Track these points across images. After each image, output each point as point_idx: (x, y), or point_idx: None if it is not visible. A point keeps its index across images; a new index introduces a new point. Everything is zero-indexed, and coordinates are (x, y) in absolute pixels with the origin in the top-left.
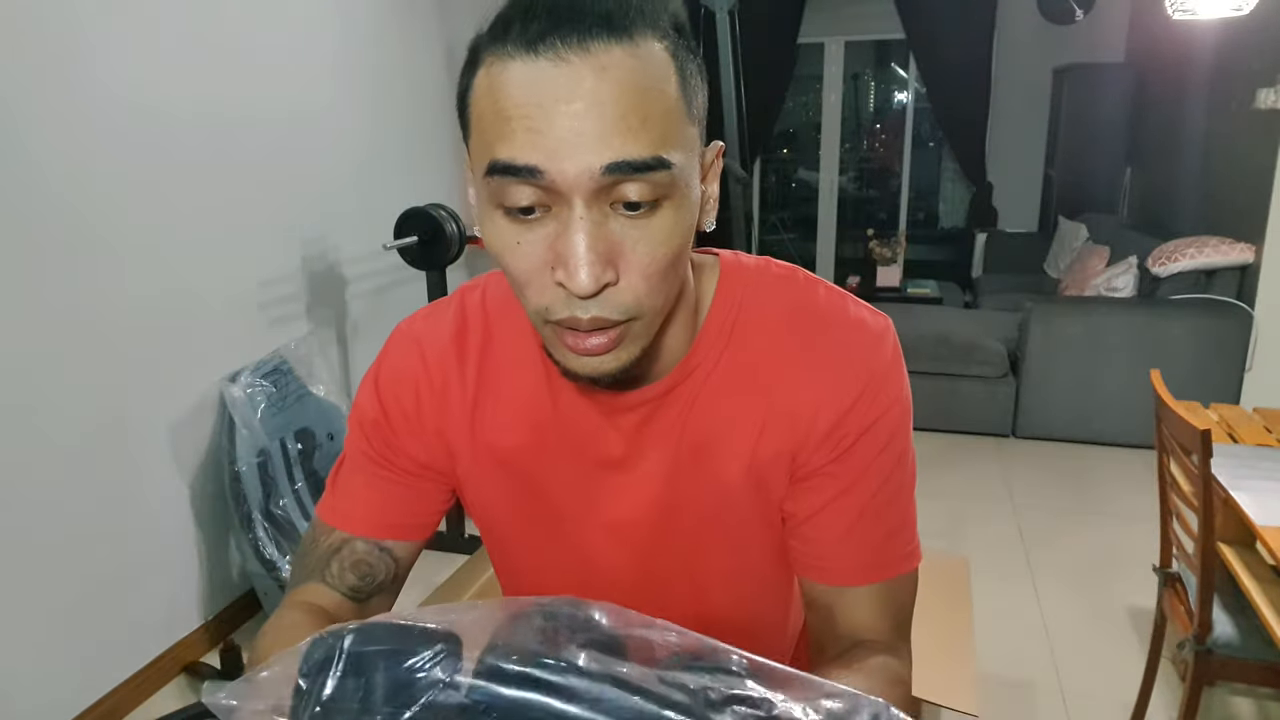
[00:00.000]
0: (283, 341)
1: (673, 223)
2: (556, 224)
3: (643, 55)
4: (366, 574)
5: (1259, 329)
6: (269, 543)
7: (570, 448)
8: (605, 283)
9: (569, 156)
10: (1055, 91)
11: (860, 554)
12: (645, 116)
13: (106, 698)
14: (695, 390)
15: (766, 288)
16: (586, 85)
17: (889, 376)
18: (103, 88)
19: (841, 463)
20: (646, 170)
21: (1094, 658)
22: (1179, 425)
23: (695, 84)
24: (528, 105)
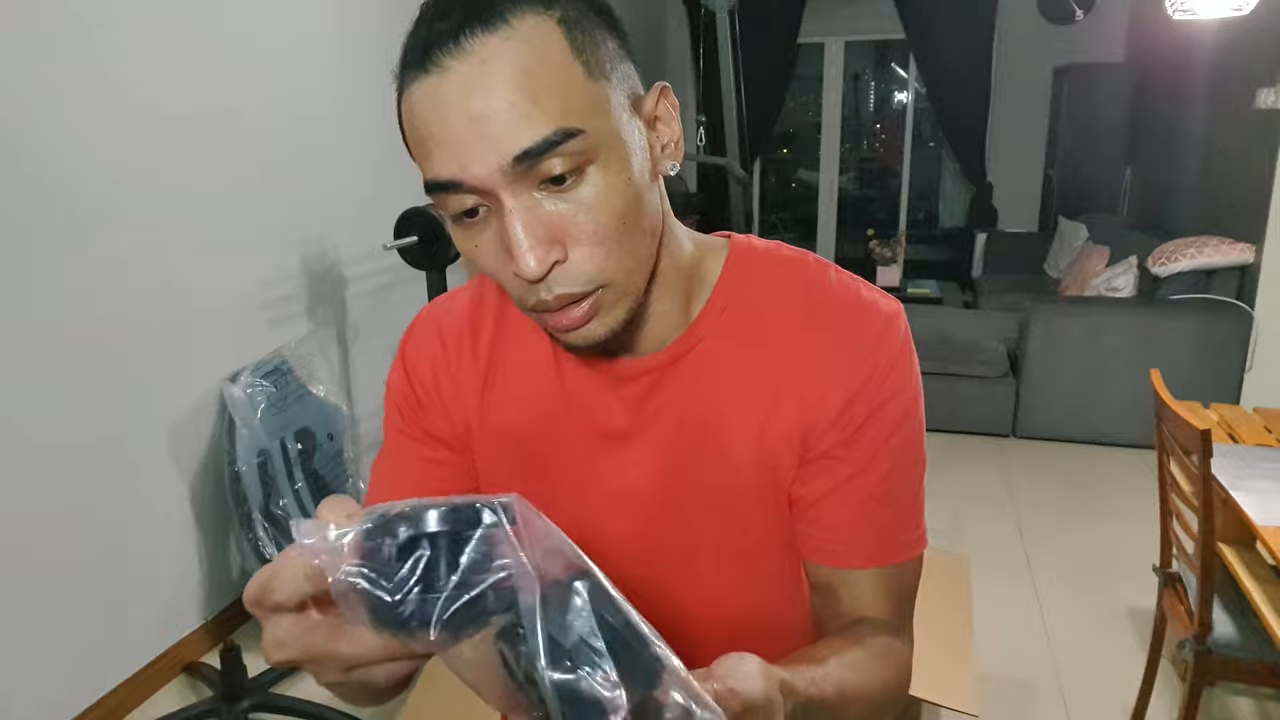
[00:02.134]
0: (283, 341)
1: (604, 184)
2: (497, 219)
3: (521, 35)
4: None
5: (1259, 329)
6: (269, 543)
7: (574, 420)
8: (553, 261)
9: (476, 159)
10: (1055, 91)
11: (867, 537)
12: (535, 96)
13: (106, 698)
14: (700, 364)
15: (777, 268)
16: (471, 84)
17: (900, 360)
18: (102, 87)
19: (851, 445)
20: (553, 146)
21: (1094, 658)
22: (1179, 425)
23: (596, 39)
24: (431, 121)
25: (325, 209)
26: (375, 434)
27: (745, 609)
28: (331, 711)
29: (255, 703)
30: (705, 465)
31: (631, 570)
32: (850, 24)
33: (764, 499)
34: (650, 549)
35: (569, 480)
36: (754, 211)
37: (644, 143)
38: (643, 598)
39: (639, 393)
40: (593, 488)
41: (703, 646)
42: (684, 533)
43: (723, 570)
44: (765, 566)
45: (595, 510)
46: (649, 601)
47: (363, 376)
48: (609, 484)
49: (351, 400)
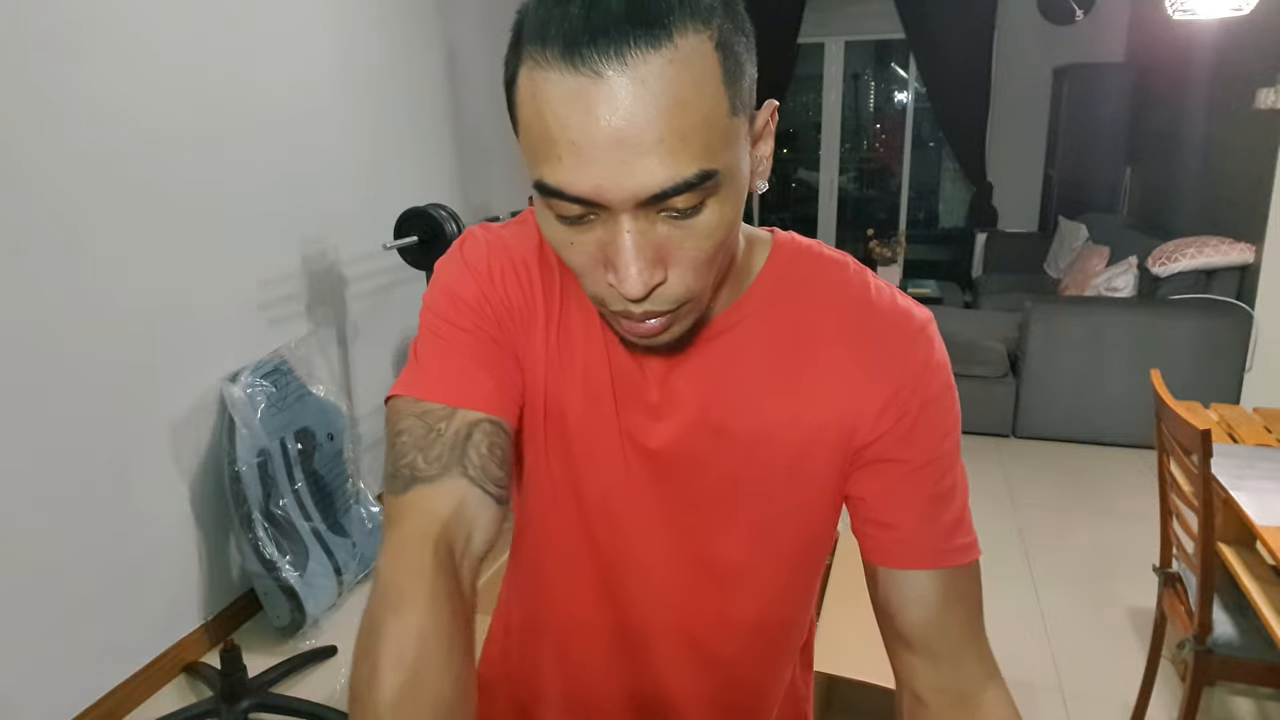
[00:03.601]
0: (283, 341)
1: (718, 216)
2: (605, 230)
3: (683, 57)
4: (504, 459)
5: (1259, 329)
6: (269, 543)
7: (614, 392)
8: (655, 284)
9: (612, 186)
10: (1055, 91)
11: (928, 537)
12: (685, 134)
13: (106, 698)
14: (736, 345)
15: (820, 263)
16: (624, 103)
17: (940, 364)
18: (102, 88)
19: (907, 445)
20: (690, 188)
21: (1094, 658)
22: (1179, 425)
23: (743, 62)
24: (571, 128)
25: (325, 209)
26: (375, 434)
27: (745, 587)
28: (331, 712)
29: (255, 703)
30: (731, 433)
31: (656, 538)
32: (850, 24)
33: (788, 477)
34: (674, 518)
35: (599, 447)
36: (754, 211)
37: (750, 165)
38: (666, 565)
39: (669, 365)
40: (620, 457)
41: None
42: (703, 494)
43: (734, 542)
44: (775, 545)
45: (621, 480)
46: (671, 569)
47: (363, 376)
48: (635, 454)
49: (351, 400)
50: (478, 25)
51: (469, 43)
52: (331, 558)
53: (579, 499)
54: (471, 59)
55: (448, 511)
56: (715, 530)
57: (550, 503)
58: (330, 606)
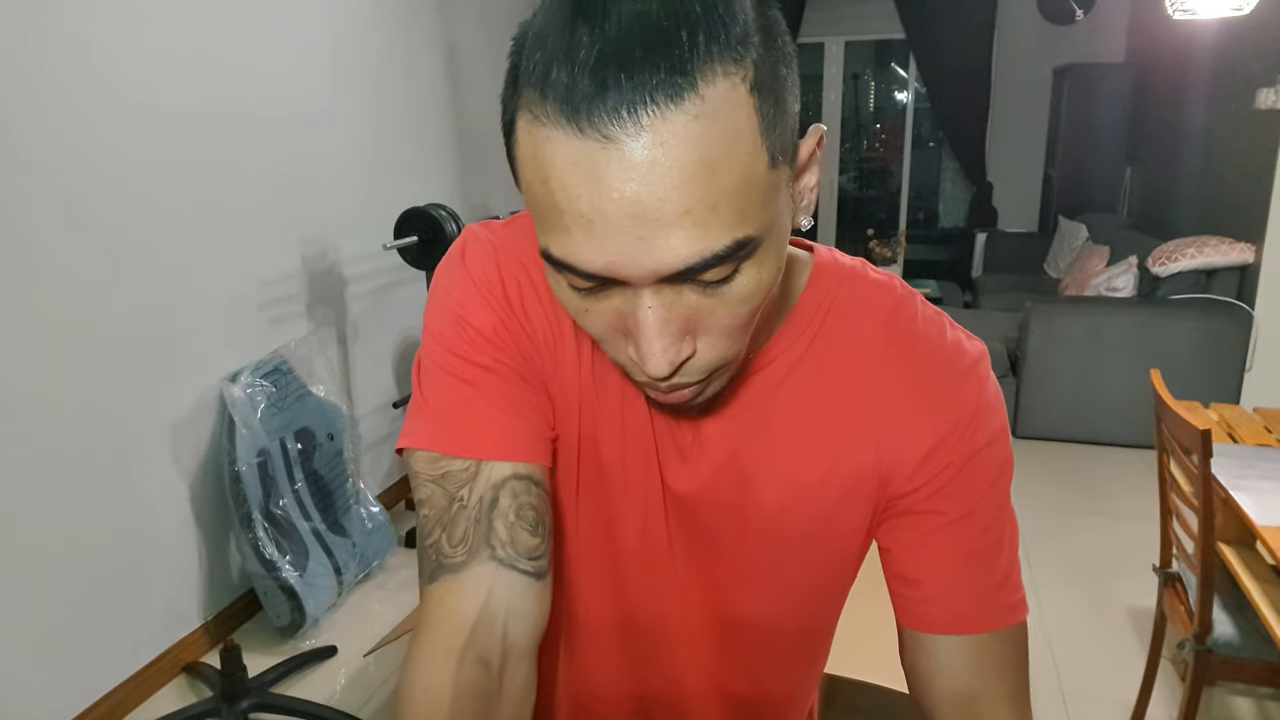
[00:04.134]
0: (283, 341)
1: (755, 281)
2: (624, 300)
3: (711, 110)
4: (537, 521)
5: (1259, 329)
6: (269, 543)
7: (627, 419)
8: (683, 358)
9: (629, 263)
10: (1055, 91)
11: (968, 599)
12: (716, 203)
13: (106, 698)
14: (771, 385)
15: (862, 290)
16: (641, 171)
17: (991, 408)
18: (101, 87)
19: (945, 497)
20: (720, 262)
21: (1094, 658)
22: (1179, 425)
23: (786, 100)
24: (579, 198)
25: (325, 209)
26: (375, 434)
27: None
28: (331, 711)
29: (255, 703)
30: (761, 484)
31: (683, 575)
32: (850, 24)
33: (819, 530)
34: (702, 559)
35: (634, 489)
36: None
37: (788, 222)
38: (693, 614)
39: (704, 402)
40: (655, 500)
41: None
42: (729, 545)
43: (759, 596)
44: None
45: (653, 525)
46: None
47: (363, 376)
48: (657, 490)
49: (351, 400)
50: (478, 25)
51: (469, 42)
52: (331, 558)
53: (611, 543)
54: (471, 59)
55: (475, 611)
56: (740, 581)
57: (575, 545)
58: (330, 606)
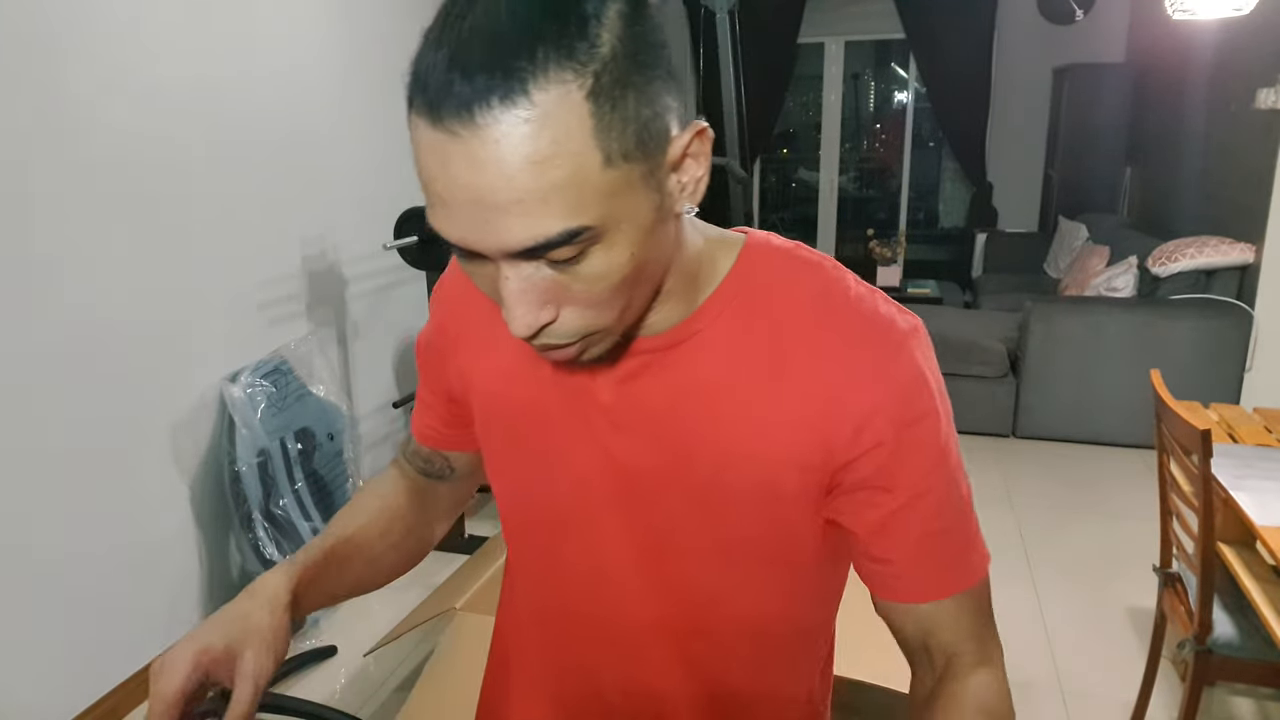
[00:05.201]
0: (283, 341)
1: (606, 261)
2: (493, 268)
3: (541, 114)
4: (427, 463)
5: (1259, 329)
6: (269, 543)
7: (563, 394)
8: (543, 323)
9: (476, 239)
10: (1055, 91)
11: (930, 570)
12: (544, 194)
13: (106, 698)
14: (697, 351)
15: (793, 268)
16: (479, 163)
17: (921, 381)
18: (101, 87)
19: (891, 474)
20: (555, 246)
21: (1094, 658)
22: (1179, 425)
23: (633, 104)
24: (436, 179)
25: (325, 209)
26: (375, 434)
27: (724, 606)
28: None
29: None
30: (694, 451)
31: (613, 546)
32: (850, 24)
33: (757, 497)
34: (631, 527)
35: (556, 453)
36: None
37: (659, 199)
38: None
39: (630, 372)
40: (578, 461)
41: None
42: (666, 514)
43: (703, 564)
44: (750, 568)
45: (579, 484)
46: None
47: (363, 376)
48: (593, 459)
49: (351, 400)
50: None
51: None
52: None
53: (551, 508)
54: None
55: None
56: (683, 552)
57: (519, 518)
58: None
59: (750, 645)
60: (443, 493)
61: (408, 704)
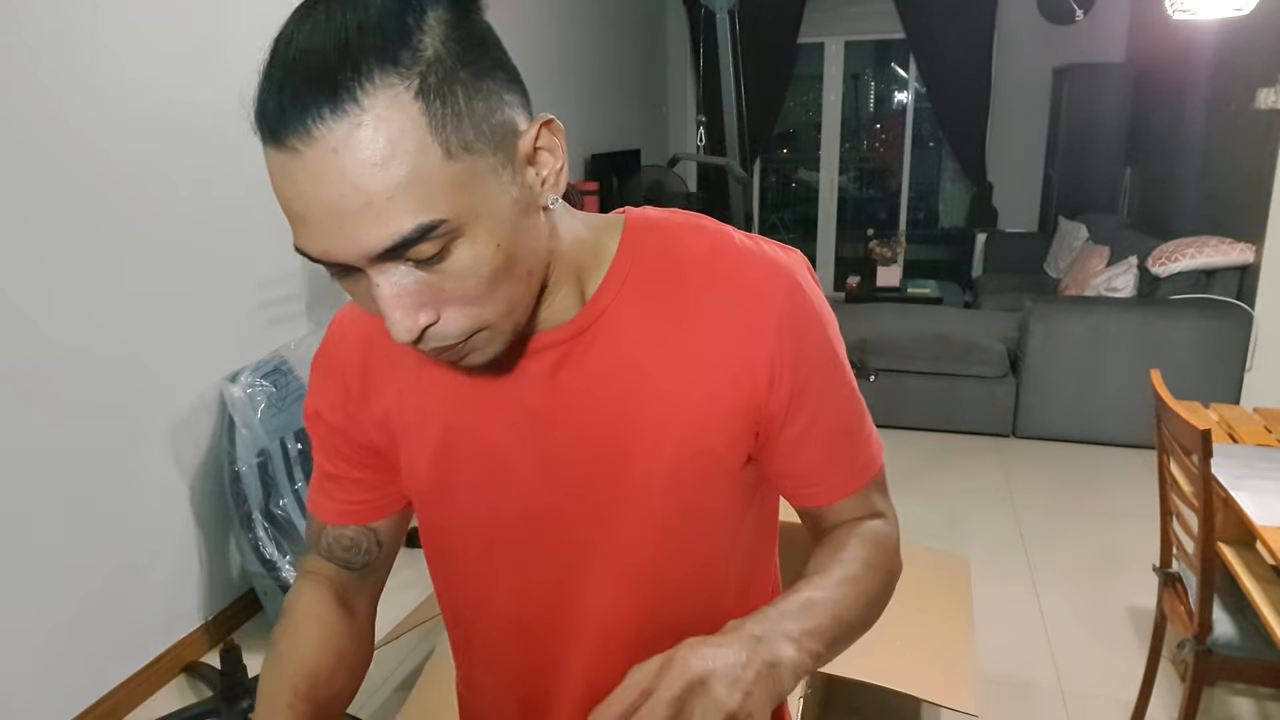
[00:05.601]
0: (283, 341)
1: (472, 255)
2: (366, 281)
3: (372, 119)
4: (349, 548)
5: (1259, 329)
6: (269, 543)
7: (492, 402)
8: (424, 325)
9: (337, 248)
10: (1055, 91)
11: (838, 473)
12: (390, 193)
13: (106, 698)
14: (607, 334)
15: (673, 232)
16: (322, 174)
17: (804, 303)
18: (101, 87)
19: (800, 398)
20: (413, 243)
21: (1094, 658)
22: (1179, 425)
23: (459, 102)
24: (290, 199)
25: None
26: None
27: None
28: None
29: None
30: (624, 431)
31: (564, 548)
32: (850, 24)
33: (692, 461)
34: (578, 523)
35: (496, 469)
36: (754, 211)
37: (518, 192)
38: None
39: (548, 367)
40: (518, 472)
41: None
42: (610, 501)
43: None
44: (697, 534)
45: (521, 493)
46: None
47: None
48: (531, 465)
49: None
50: None
51: None
52: None
53: (496, 515)
54: None
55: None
56: (631, 535)
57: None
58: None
59: (705, 609)
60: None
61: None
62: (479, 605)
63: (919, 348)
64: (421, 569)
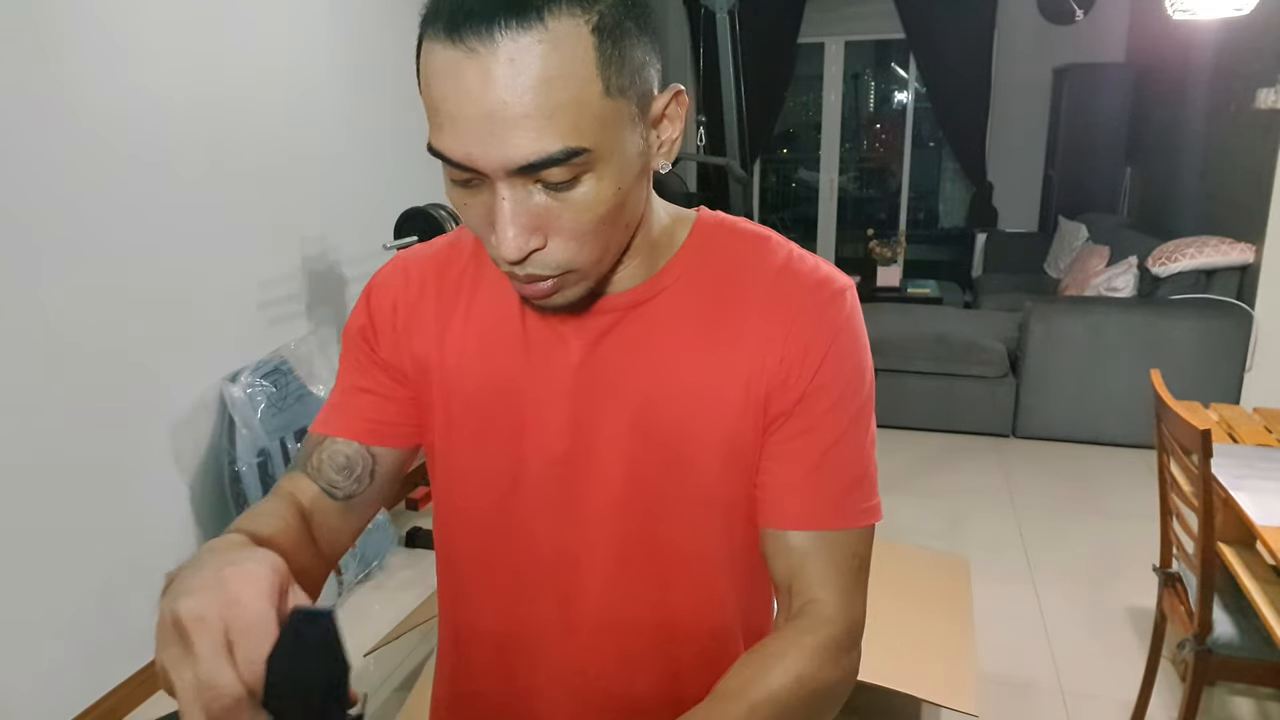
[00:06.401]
0: (283, 341)
1: (595, 191)
2: (489, 193)
3: (553, 39)
4: (344, 467)
5: (1259, 329)
6: None
7: (534, 357)
8: (531, 250)
9: (483, 153)
10: (1055, 91)
11: (816, 500)
12: (552, 112)
13: (106, 698)
14: (660, 311)
15: (739, 237)
16: (493, 78)
17: (845, 328)
18: (102, 87)
19: (802, 408)
20: (557, 163)
21: (1094, 658)
22: (1179, 425)
23: (629, 48)
24: (446, 98)
25: (325, 209)
26: None
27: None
28: None
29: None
30: (656, 406)
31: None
32: (850, 24)
33: (730, 447)
34: (598, 491)
35: (524, 424)
36: (754, 211)
37: (643, 146)
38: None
39: (598, 332)
40: (548, 429)
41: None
42: (632, 474)
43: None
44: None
45: (546, 454)
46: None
47: None
48: (562, 425)
49: None
50: None
51: None
52: None
53: (513, 478)
54: None
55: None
56: (649, 510)
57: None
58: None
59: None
60: (339, 525)
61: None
62: (481, 560)
63: (919, 348)
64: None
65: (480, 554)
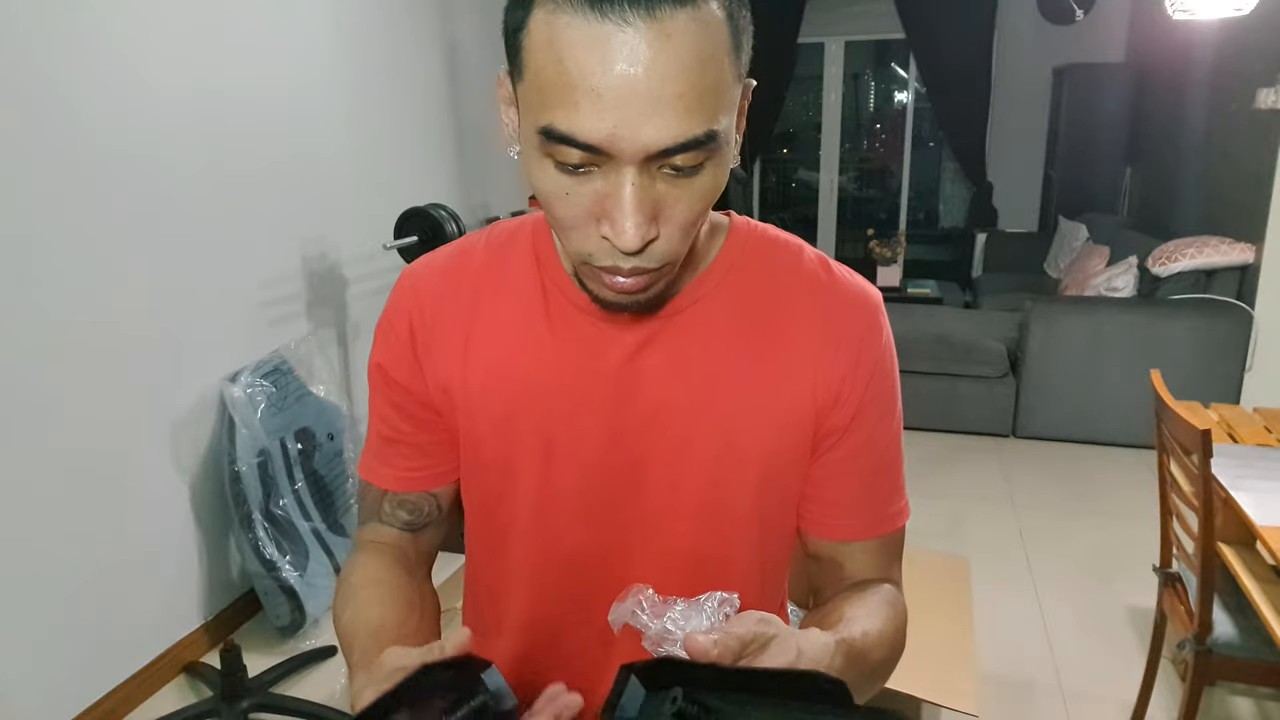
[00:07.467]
0: (283, 341)
1: (713, 179)
2: (604, 182)
3: (704, 18)
4: (414, 511)
5: (1259, 329)
6: (269, 543)
7: (566, 367)
8: (650, 238)
9: (627, 136)
10: (1055, 91)
11: (866, 513)
12: (701, 92)
13: (106, 698)
14: (698, 319)
15: (775, 245)
16: (649, 54)
17: (888, 345)
18: (102, 87)
19: (856, 424)
20: (698, 146)
21: (1094, 658)
22: (1179, 425)
23: (746, 35)
24: (594, 73)
25: (325, 209)
26: None
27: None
28: (331, 711)
29: (255, 703)
30: (696, 420)
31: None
32: (850, 24)
33: (770, 460)
34: (631, 501)
35: (556, 431)
36: (754, 211)
37: (736, 136)
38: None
39: (636, 341)
40: (584, 437)
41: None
42: (668, 484)
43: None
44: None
45: (578, 461)
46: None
47: (362, 376)
48: (598, 433)
49: (351, 400)
50: (478, 25)
51: (470, 42)
52: (331, 558)
53: (551, 488)
54: (472, 58)
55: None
56: (682, 522)
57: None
58: (330, 606)
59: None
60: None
61: None
62: (512, 567)
63: (919, 348)
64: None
65: (511, 560)
